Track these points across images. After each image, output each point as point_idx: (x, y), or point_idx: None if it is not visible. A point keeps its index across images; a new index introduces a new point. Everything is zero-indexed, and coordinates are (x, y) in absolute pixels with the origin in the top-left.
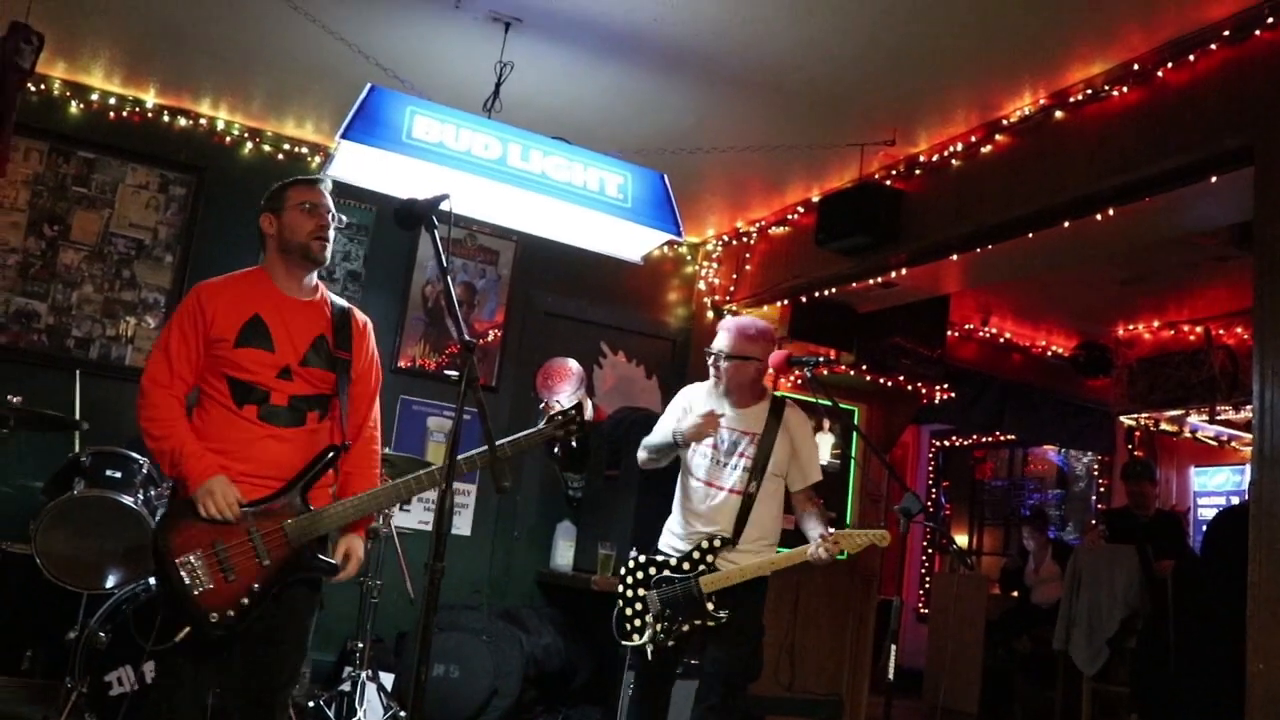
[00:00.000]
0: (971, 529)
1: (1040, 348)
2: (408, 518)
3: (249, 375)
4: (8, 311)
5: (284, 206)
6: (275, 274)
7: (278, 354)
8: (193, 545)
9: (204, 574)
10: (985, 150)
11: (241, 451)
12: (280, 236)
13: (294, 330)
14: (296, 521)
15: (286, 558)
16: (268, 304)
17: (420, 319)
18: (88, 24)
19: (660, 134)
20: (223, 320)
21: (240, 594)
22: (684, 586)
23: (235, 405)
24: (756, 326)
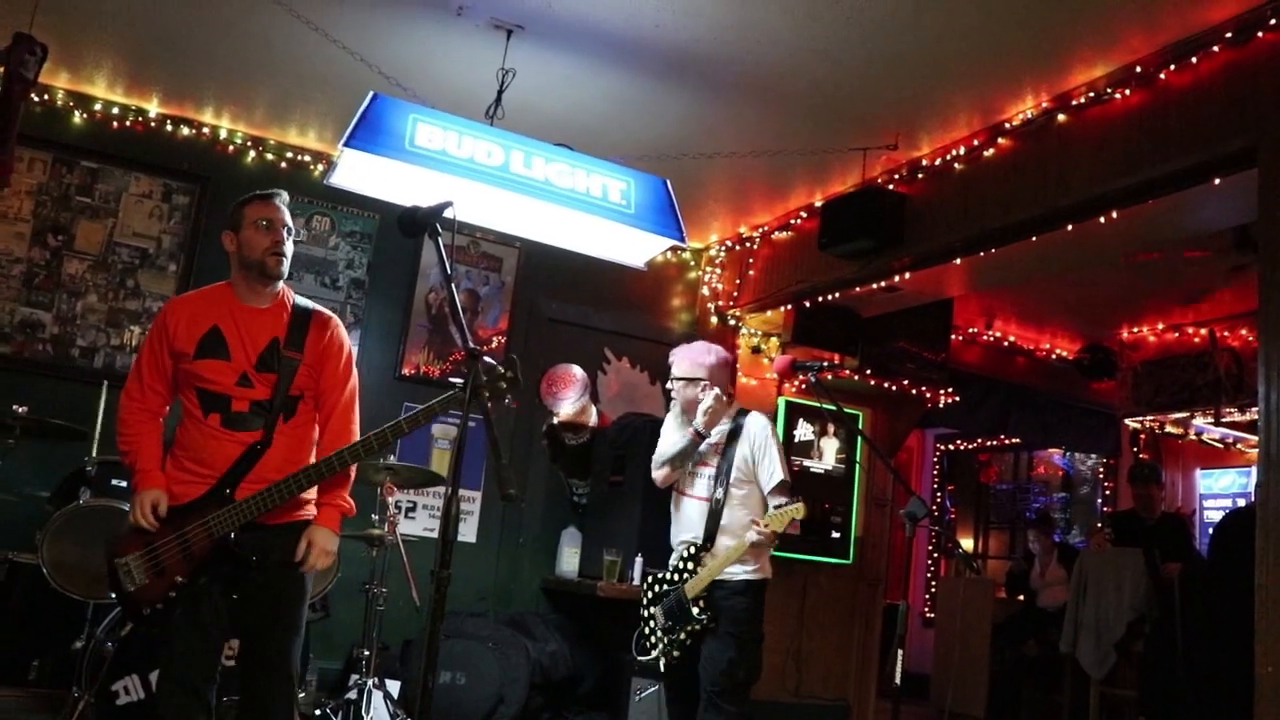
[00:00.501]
0: (977, 532)
1: (1044, 351)
2: (412, 525)
3: (212, 385)
4: (13, 321)
5: (242, 224)
6: (238, 288)
7: (234, 362)
8: (132, 548)
9: (138, 573)
10: (988, 153)
11: (209, 458)
12: (240, 254)
13: (248, 338)
14: (217, 515)
15: (209, 549)
16: (226, 315)
17: (424, 326)
18: (90, 34)
19: (663, 139)
20: (183, 335)
21: (167, 588)
22: (675, 596)
23: (202, 415)
24: (704, 349)
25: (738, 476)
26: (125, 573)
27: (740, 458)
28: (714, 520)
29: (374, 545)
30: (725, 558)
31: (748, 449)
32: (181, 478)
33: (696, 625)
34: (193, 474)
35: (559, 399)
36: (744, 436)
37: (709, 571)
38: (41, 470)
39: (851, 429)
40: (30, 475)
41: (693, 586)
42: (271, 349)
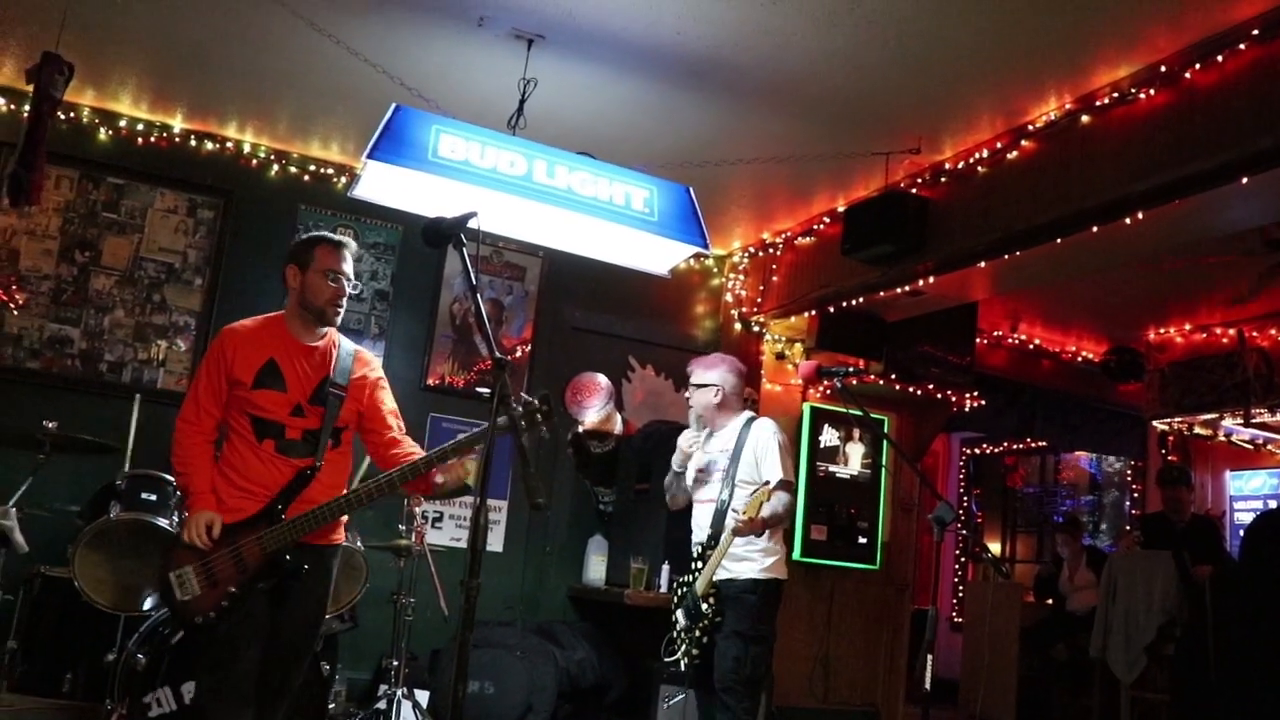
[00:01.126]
0: (1004, 536)
1: (1070, 354)
2: (439, 535)
3: (266, 414)
4: (41, 338)
5: (309, 265)
6: (292, 324)
7: (289, 394)
8: (186, 561)
9: (192, 584)
10: (1011, 156)
11: (263, 479)
12: (302, 294)
13: (303, 373)
14: (270, 531)
15: (261, 563)
16: (281, 350)
17: (448, 337)
18: (115, 51)
19: (685, 147)
20: (241, 364)
21: (220, 598)
22: (690, 596)
23: (256, 440)
24: (715, 357)
25: (743, 479)
26: (181, 583)
27: (746, 461)
28: (719, 520)
29: (401, 556)
30: (718, 551)
31: (752, 452)
32: (234, 495)
33: (705, 621)
34: (246, 492)
35: (584, 407)
36: (750, 441)
37: (710, 566)
38: (72, 485)
39: (877, 434)
40: (61, 490)
41: (700, 584)
42: (322, 385)
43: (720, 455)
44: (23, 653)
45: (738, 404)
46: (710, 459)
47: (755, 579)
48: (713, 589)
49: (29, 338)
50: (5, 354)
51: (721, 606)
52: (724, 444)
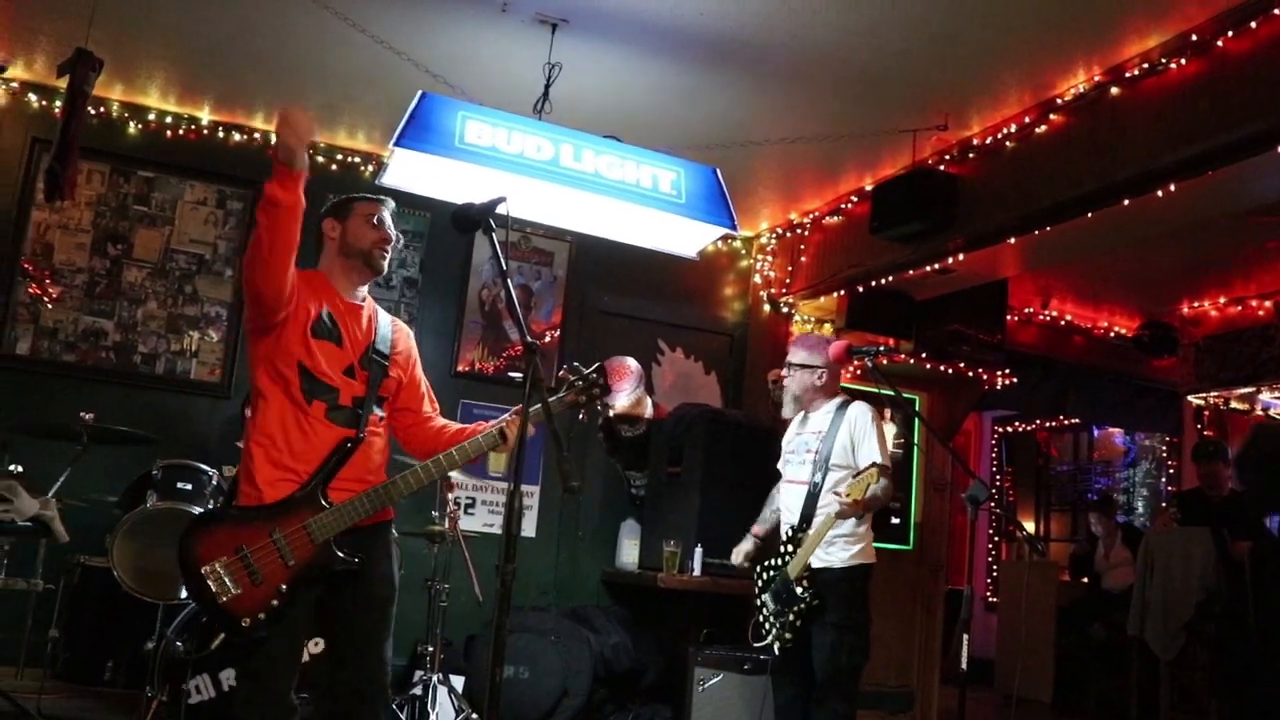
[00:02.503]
0: (1038, 515)
1: (1102, 329)
2: (472, 521)
3: (319, 370)
4: (76, 330)
5: (349, 214)
6: (334, 277)
7: (345, 350)
8: (218, 552)
9: (230, 580)
10: (1040, 130)
11: (305, 450)
12: (343, 240)
13: (353, 330)
14: (317, 519)
15: (311, 556)
16: (332, 302)
17: (477, 323)
18: (143, 46)
19: (711, 128)
20: (302, 306)
21: (269, 596)
22: (781, 579)
23: (305, 400)
24: (818, 338)
25: (836, 461)
26: (216, 580)
27: (840, 444)
28: (811, 503)
29: (435, 541)
30: (816, 533)
31: (848, 435)
32: (271, 471)
33: (802, 605)
34: (284, 469)
35: (614, 391)
36: (845, 423)
37: (805, 550)
38: (109, 475)
39: (909, 413)
40: (99, 480)
41: (793, 567)
42: (369, 349)
43: (812, 437)
44: (65, 641)
45: (835, 388)
46: (802, 440)
47: (848, 566)
48: (807, 572)
49: (64, 331)
50: (42, 347)
51: (818, 592)
52: (817, 426)
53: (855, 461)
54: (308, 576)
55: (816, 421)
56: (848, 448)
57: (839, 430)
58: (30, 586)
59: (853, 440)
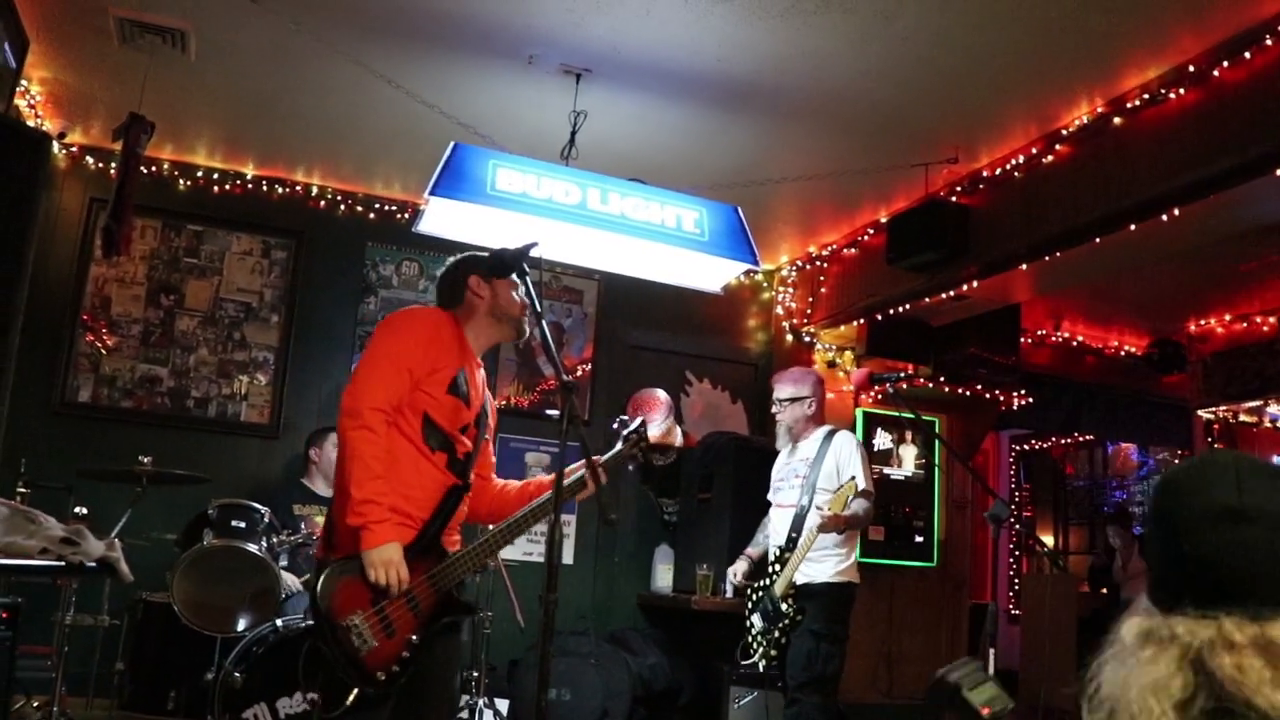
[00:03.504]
0: (1056, 529)
1: (1113, 348)
2: (513, 550)
3: (444, 423)
4: (133, 377)
5: (494, 280)
6: (476, 336)
7: (470, 410)
8: (355, 605)
9: (369, 634)
10: (1047, 160)
11: (423, 497)
12: (495, 303)
13: (476, 390)
14: (440, 569)
15: (435, 604)
16: (466, 360)
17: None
18: (191, 107)
19: (731, 168)
20: (446, 359)
21: (401, 648)
22: (768, 597)
23: (429, 448)
24: (800, 371)
25: (823, 485)
26: (357, 634)
27: (827, 469)
28: (797, 525)
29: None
30: (800, 549)
31: (834, 461)
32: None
33: (786, 620)
34: (403, 514)
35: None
36: (832, 450)
37: (790, 567)
38: (167, 514)
39: (929, 435)
40: (157, 519)
41: (779, 585)
42: (484, 406)
43: (801, 464)
44: (130, 673)
45: (823, 416)
46: (792, 467)
47: (830, 582)
48: (792, 589)
49: (122, 378)
50: (102, 394)
51: (801, 605)
52: (806, 453)
53: (831, 482)
54: (431, 624)
55: (805, 449)
56: (833, 473)
57: (826, 456)
58: (97, 622)
59: (839, 466)
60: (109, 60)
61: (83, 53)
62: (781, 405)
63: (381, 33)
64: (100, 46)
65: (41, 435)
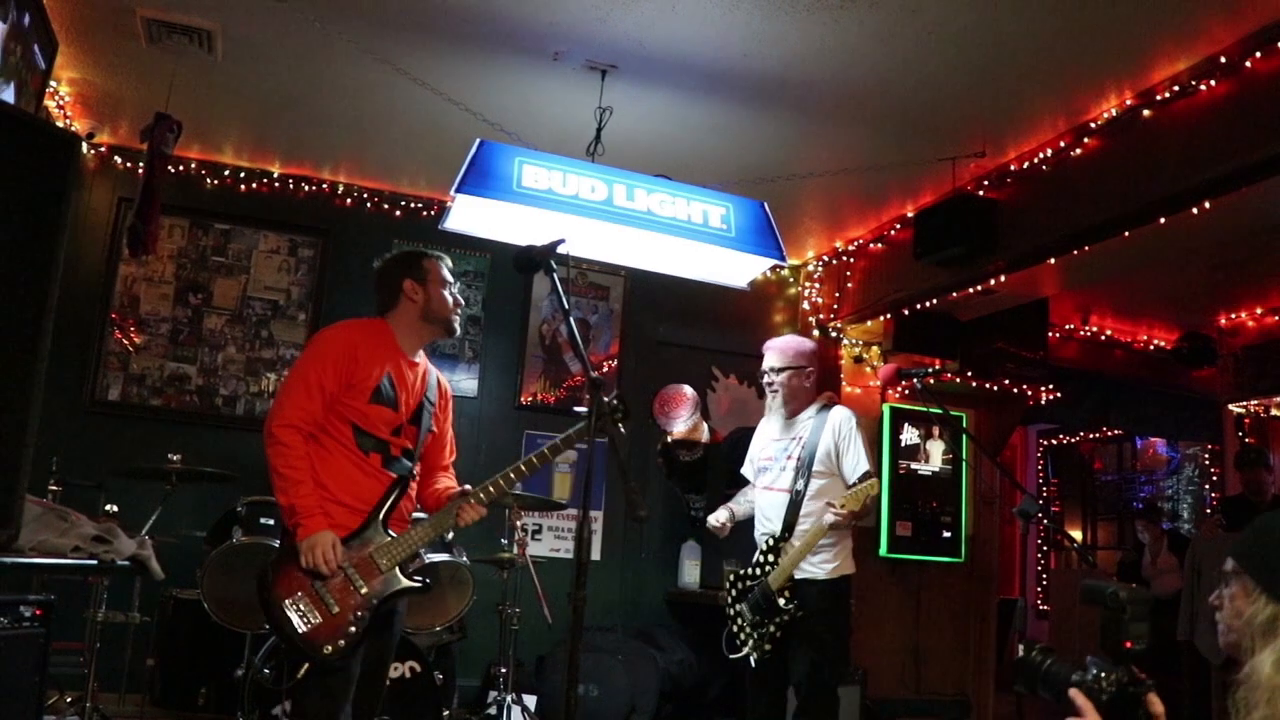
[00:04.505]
0: (1085, 524)
1: (1142, 342)
2: (539, 547)
3: (373, 430)
4: (162, 376)
5: (427, 278)
6: (402, 335)
7: (399, 414)
8: (295, 588)
9: (311, 612)
10: (1075, 154)
11: (359, 492)
12: (426, 306)
13: (410, 392)
14: (381, 548)
15: (380, 582)
16: (394, 364)
17: (539, 357)
18: (218, 107)
19: (757, 163)
20: (365, 372)
21: (346, 624)
22: (760, 589)
23: (361, 452)
24: (799, 340)
25: (819, 468)
26: (301, 613)
27: (824, 450)
28: (794, 511)
29: (504, 568)
30: (805, 543)
31: (831, 441)
32: (335, 511)
33: (784, 616)
34: (347, 507)
35: (672, 418)
36: (828, 428)
37: (790, 560)
38: (196, 511)
39: (957, 429)
40: (187, 517)
41: (775, 578)
42: (421, 404)
43: (793, 443)
44: (161, 669)
45: (816, 391)
46: (782, 446)
47: (829, 579)
48: (789, 583)
49: (151, 377)
50: (131, 393)
51: (801, 602)
52: (798, 432)
53: (839, 468)
54: (378, 602)
55: (798, 427)
56: (831, 454)
57: (822, 435)
58: (128, 619)
59: (837, 446)
60: (136, 61)
61: (110, 53)
62: (776, 375)
63: (407, 31)
64: (128, 47)
65: (73, 434)
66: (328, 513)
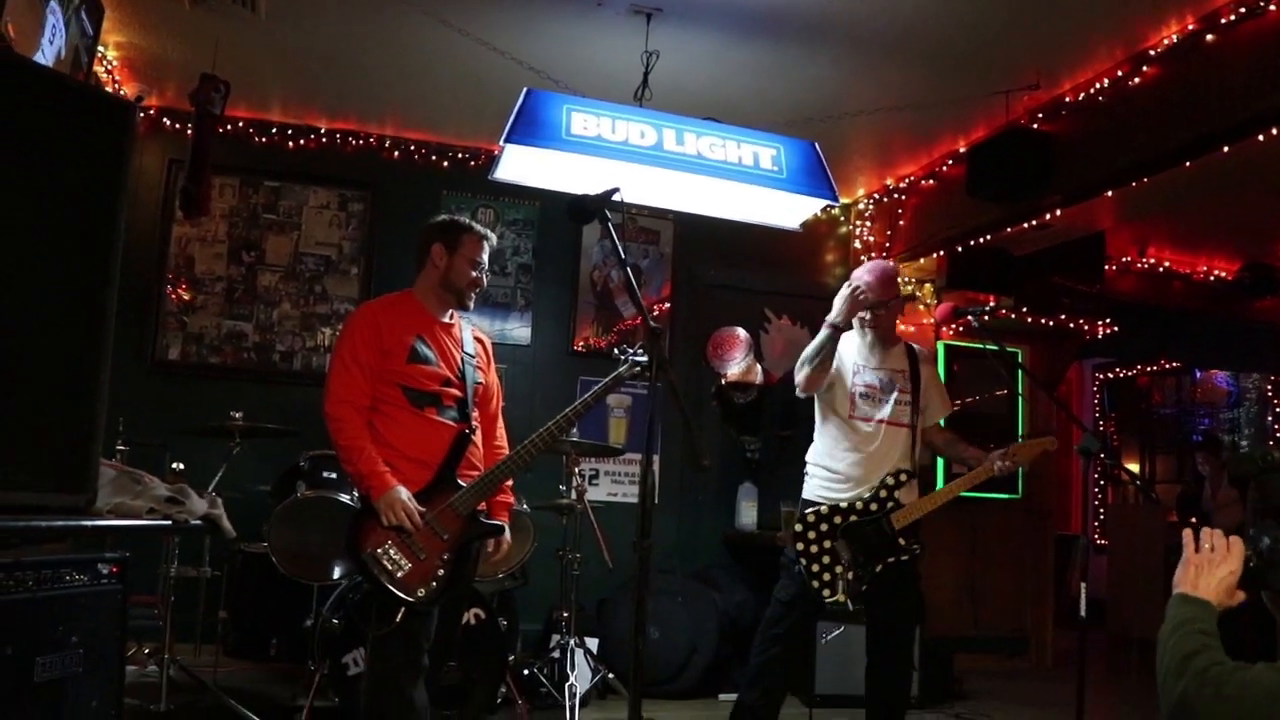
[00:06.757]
0: (1142, 458)
1: (1202, 273)
2: (597, 491)
3: (420, 385)
4: (220, 334)
5: (457, 249)
6: (428, 301)
7: (440, 369)
8: (384, 539)
9: (400, 559)
10: (1133, 83)
11: (427, 445)
12: (446, 274)
13: (446, 349)
14: (458, 497)
15: (461, 528)
16: (424, 326)
17: (590, 303)
18: (263, 65)
19: (807, 103)
20: (393, 338)
21: (435, 568)
22: (875, 528)
23: (416, 408)
24: (893, 268)
25: (922, 405)
26: (390, 561)
27: (924, 384)
28: (913, 446)
29: (564, 514)
30: (959, 484)
31: (927, 376)
32: (406, 468)
33: (902, 556)
34: (415, 462)
35: (725, 361)
36: (924, 364)
37: (934, 499)
38: (260, 466)
39: (1012, 366)
40: (251, 472)
41: (904, 516)
42: (464, 360)
43: (897, 375)
44: (233, 621)
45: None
46: (884, 377)
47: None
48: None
49: (209, 335)
50: (190, 352)
51: (916, 539)
52: (897, 364)
53: (940, 406)
54: (461, 546)
55: (895, 359)
56: (925, 389)
57: (921, 372)
58: (200, 574)
59: (933, 384)
60: (181, 22)
61: (155, 16)
62: (885, 307)
63: None
64: (172, 9)
65: (136, 394)
66: (399, 469)
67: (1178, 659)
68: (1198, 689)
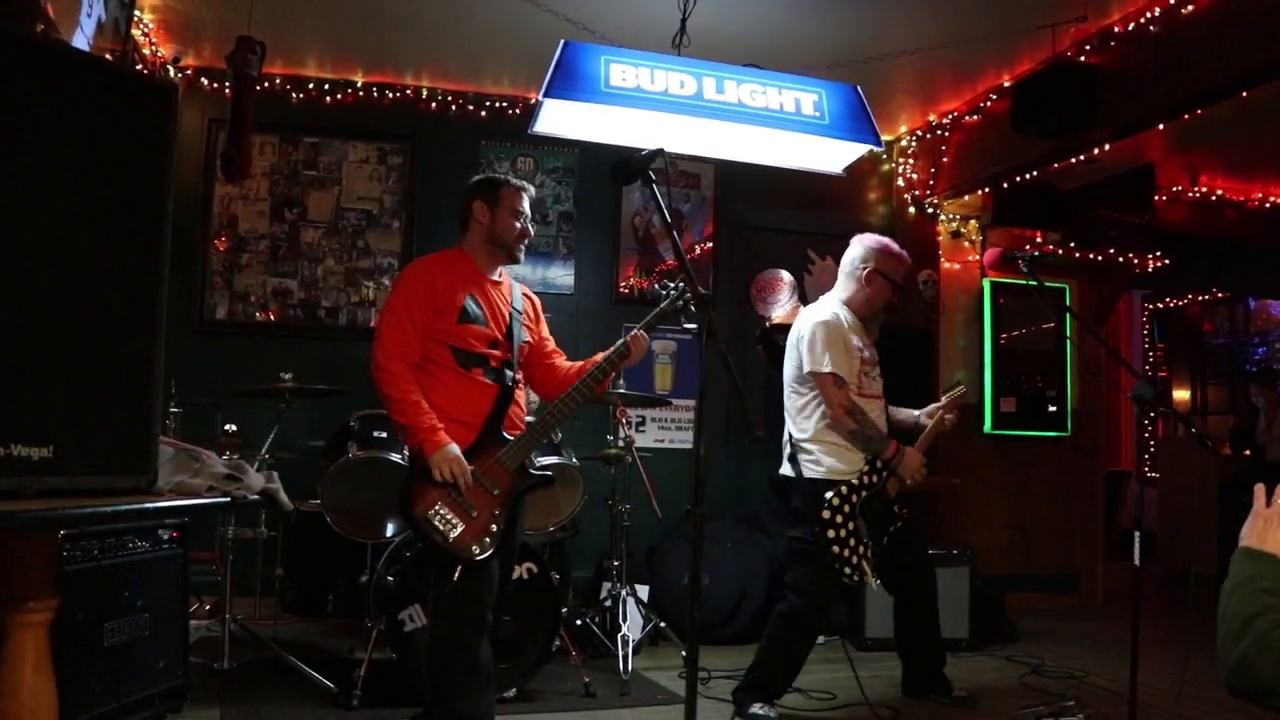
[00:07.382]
0: (1194, 389)
1: (1256, 201)
2: (644, 439)
3: (470, 347)
4: (266, 292)
5: (499, 203)
6: (478, 257)
7: (489, 329)
8: (435, 499)
9: (453, 518)
10: (1186, 10)
11: (473, 405)
12: (492, 230)
13: (496, 308)
14: (505, 452)
15: (510, 482)
16: (475, 285)
17: (632, 249)
18: (297, 22)
19: (847, 44)
20: (444, 297)
21: (488, 524)
22: (880, 500)
23: (464, 369)
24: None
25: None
26: (444, 521)
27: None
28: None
29: (612, 464)
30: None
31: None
32: (452, 429)
33: (899, 523)
34: (460, 422)
35: (770, 303)
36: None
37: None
38: (311, 424)
39: (1060, 306)
40: (301, 431)
41: (894, 484)
42: (512, 317)
43: (874, 349)
44: (289, 578)
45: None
46: (872, 352)
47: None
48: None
49: (254, 293)
50: (237, 310)
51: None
52: (870, 336)
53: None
54: (512, 500)
55: (869, 332)
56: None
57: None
58: (257, 534)
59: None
60: None
61: None
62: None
63: None
64: None
65: (187, 355)
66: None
67: (1240, 620)
68: (1258, 652)
